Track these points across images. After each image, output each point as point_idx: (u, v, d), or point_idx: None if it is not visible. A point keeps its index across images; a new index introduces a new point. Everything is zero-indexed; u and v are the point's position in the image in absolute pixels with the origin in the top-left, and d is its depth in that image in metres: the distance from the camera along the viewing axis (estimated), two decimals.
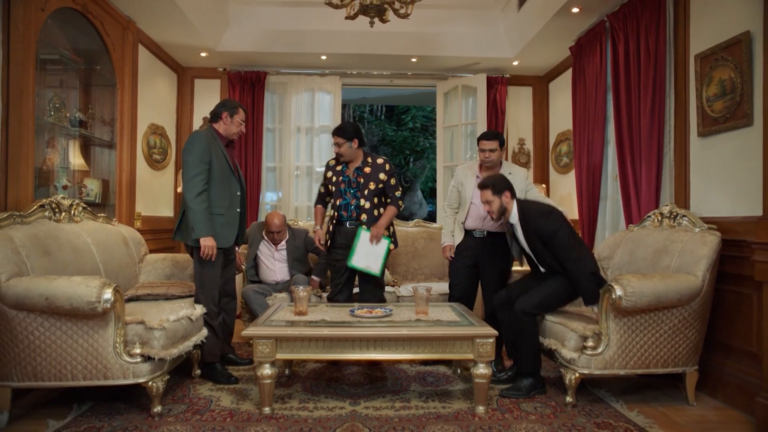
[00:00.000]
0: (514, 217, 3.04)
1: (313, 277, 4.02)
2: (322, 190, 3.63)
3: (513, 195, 3.05)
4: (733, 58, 2.88)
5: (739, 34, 2.84)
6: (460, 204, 3.53)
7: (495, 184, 3.02)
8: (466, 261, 3.46)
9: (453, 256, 3.50)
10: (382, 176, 3.43)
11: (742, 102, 2.83)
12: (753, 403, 2.55)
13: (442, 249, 3.59)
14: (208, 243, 3.00)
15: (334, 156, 3.55)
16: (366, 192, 3.41)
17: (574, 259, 2.86)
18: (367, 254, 3.33)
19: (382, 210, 3.47)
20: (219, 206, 3.12)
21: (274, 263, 4.11)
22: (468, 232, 3.47)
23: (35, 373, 2.47)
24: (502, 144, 3.40)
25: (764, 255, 2.48)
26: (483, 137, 3.39)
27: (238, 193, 3.24)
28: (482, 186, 3.07)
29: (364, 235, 3.34)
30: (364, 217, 3.39)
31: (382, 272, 3.43)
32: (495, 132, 3.47)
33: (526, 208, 3.03)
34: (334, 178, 3.50)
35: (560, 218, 2.95)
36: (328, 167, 3.59)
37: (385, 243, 3.38)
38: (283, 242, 4.13)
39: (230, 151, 3.29)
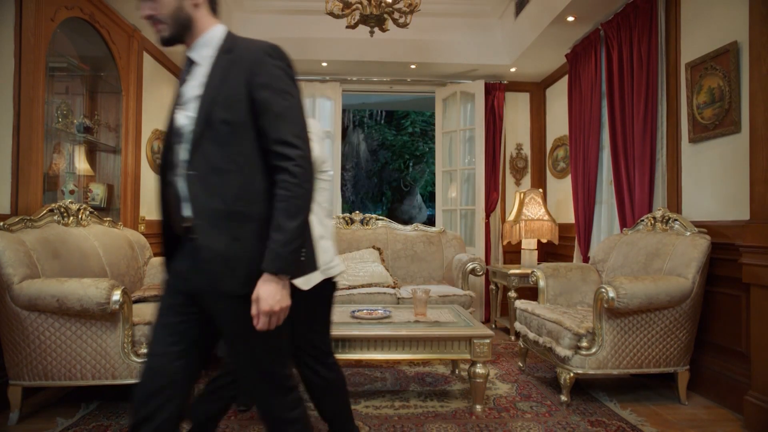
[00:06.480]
0: (210, 41, 1.48)
1: None
2: None
3: (213, 8, 1.54)
4: (722, 67, 2.97)
5: (727, 44, 2.93)
6: None
7: None
8: None
9: None
10: None
11: (731, 110, 2.91)
12: (742, 402, 2.63)
13: None
14: None
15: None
16: None
17: (303, 154, 1.39)
18: None
19: None
20: None
21: None
22: None
23: (46, 372, 2.54)
24: None
25: (751, 258, 2.57)
26: None
27: None
28: None
29: None
30: None
31: None
32: None
33: (246, 40, 1.49)
34: None
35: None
36: None
37: None
38: None
39: None
